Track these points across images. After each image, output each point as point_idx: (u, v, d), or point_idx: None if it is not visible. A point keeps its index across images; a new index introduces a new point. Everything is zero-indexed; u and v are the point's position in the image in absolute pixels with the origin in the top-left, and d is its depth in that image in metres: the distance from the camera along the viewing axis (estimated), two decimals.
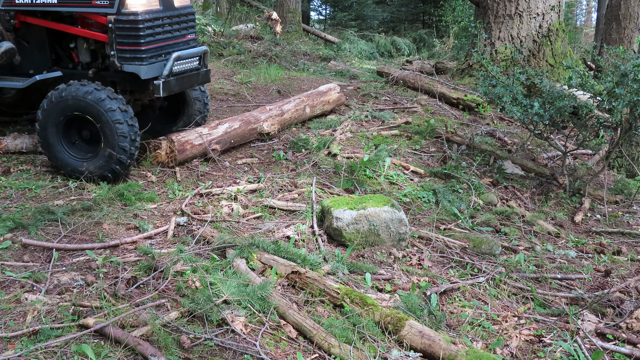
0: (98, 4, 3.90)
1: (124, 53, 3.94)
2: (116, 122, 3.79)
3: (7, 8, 4.16)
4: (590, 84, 4.65)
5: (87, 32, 4.09)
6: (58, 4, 4.02)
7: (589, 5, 25.05)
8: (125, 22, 3.89)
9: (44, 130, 3.94)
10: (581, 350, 2.67)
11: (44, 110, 3.92)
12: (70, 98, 3.83)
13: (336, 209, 3.48)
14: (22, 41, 4.29)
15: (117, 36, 3.91)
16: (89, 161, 3.97)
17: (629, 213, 4.59)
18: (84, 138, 4.04)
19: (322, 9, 16.30)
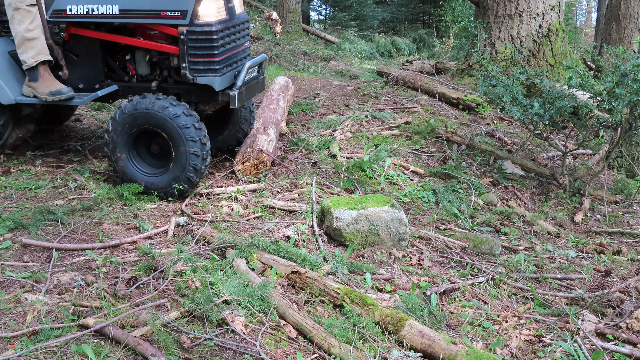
0: (168, 15, 3.76)
1: (196, 65, 3.80)
2: (189, 140, 3.67)
3: (58, 20, 3.97)
4: (590, 84, 4.65)
5: (152, 44, 3.94)
6: (121, 16, 3.84)
7: (589, 5, 25.05)
8: (199, 33, 3.75)
9: (113, 142, 3.81)
10: (581, 350, 2.67)
11: (114, 121, 3.78)
12: (144, 111, 3.69)
13: (336, 209, 3.48)
14: (71, 54, 4.12)
15: (190, 48, 3.77)
16: (157, 177, 3.84)
17: (629, 213, 4.59)
18: (152, 153, 3.91)
19: (322, 9, 16.30)
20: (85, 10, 3.85)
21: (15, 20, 3.86)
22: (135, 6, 3.79)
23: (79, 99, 3.99)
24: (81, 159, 4.50)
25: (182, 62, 3.82)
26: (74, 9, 3.87)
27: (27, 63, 3.92)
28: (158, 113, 3.65)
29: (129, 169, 3.84)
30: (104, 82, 4.13)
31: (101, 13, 3.84)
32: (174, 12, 3.73)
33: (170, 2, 3.73)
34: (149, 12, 3.79)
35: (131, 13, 3.82)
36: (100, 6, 3.81)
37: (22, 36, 3.87)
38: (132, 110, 3.72)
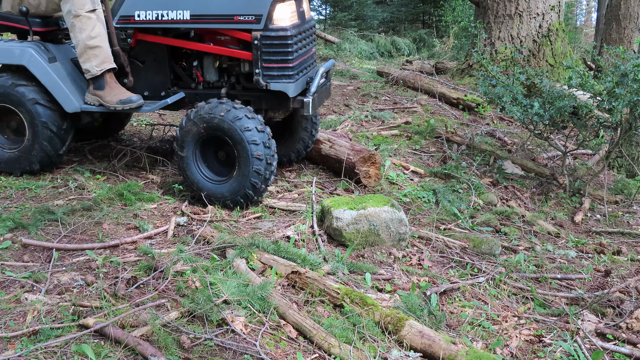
0: (242, 19, 3.64)
1: (270, 71, 3.70)
2: (252, 143, 3.55)
3: (125, 26, 3.87)
4: (590, 84, 4.65)
5: (223, 50, 3.83)
6: (192, 21, 3.73)
7: (589, 5, 25.05)
8: (274, 37, 3.64)
9: (182, 147, 3.72)
10: (581, 350, 2.67)
11: (181, 129, 3.70)
12: (208, 116, 3.61)
13: (336, 209, 3.48)
14: (136, 61, 4.04)
15: (264, 53, 3.66)
16: (222, 184, 3.74)
17: (629, 213, 4.59)
18: (220, 160, 3.82)
19: (322, 9, 16.30)
20: (155, 16, 3.76)
21: (76, 28, 3.74)
22: (207, 11, 3.69)
23: (148, 107, 3.88)
24: (81, 159, 4.51)
25: (254, 68, 3.71)
26: (143, 14, 3.77)
27: (92, 72, 3.80)
28: (221, 117, 3.56)
29: (193, 173, 3.75)
30: (170, 90, 4.04)
31: (171, 19, 3.74)
32: (247, 16, 3.63)
33: (244, 7, 3.63)
34: (221, 17, 3.68)
35: (203, 18, 3.71)
36: (171, 11, 3.72)
37: (84, 44, 3.75)
38: (197, 117, 3.63)
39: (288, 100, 3.81)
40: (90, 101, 3.91)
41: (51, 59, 3.89)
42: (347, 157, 4.31)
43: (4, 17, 4.01)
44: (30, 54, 3.84)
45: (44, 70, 3.85)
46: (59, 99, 3.88)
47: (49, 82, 3.86)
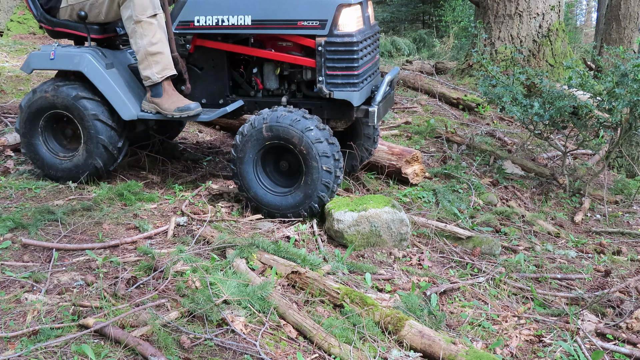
0: (305, 25, 3.53)
1: (334, 78, 3.56)
2: (322, 156, 3.43)
3: (184, 31, 3.78)
4: (590, 84, 4.65)
5: (285, 57, 3.71)
6: (254, 27, 3.61)
7: (589, 5, 25.05)
8: (339, 44, 3.51)
9: (241, 156, 3.58)
10: (581, 350, 2.67)
11: (242, 136, 3.57)
12: (275, 125, 3.47)
13: (337, 211, 3.48)
14: (194, 67, 3.93)
15: (328, 60, 3.54)
16: (285, 196, 3.60)
17: (629, 213, 4.59)
18: (281, 170, 3.69)
19: None
20: (215, 22, 3.66)
21: (137, 34, 3.66)
22: (269, 16, 3.58)
23: (205, 115, 3.78)
24: None
25: (318, 76, 3.59)
26: (203, 20, 3.69)
27: (152, 79, 3.72)
28: (289, 127, 3.44)
29: (251, 183, 3.61)
30: (228, 97, 3.93)
31: (232, 24, 3.64)
32: (312, 21, 3.51)
33: (308, 12, 3.52)
34: (284, 22, 3.57)
35: (265, 23, 3.60)
36: (231, 17, 3.62)
37: (146, 51, 3.67)
38: (261, 124, 3.50)
39: (352, 110, 3.69)
40: (148, 109, 3.83)
41: (108, 65, 3.82)
42: (390, 162, 4.37)
43: (62, 24, 3.94)
44: (88, 60, 3.76)
45: (101, 77, 3.77)
46: (115, 106, 3.80)
47: (106, 88, 3.78)
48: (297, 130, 3.43)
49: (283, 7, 3.56)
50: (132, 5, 3.63)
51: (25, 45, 7.25)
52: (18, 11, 7.69)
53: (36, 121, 3.95)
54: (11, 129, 4.78)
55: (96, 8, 3.82)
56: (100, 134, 3.83)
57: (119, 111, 3.82)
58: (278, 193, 3.63)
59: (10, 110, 5.22)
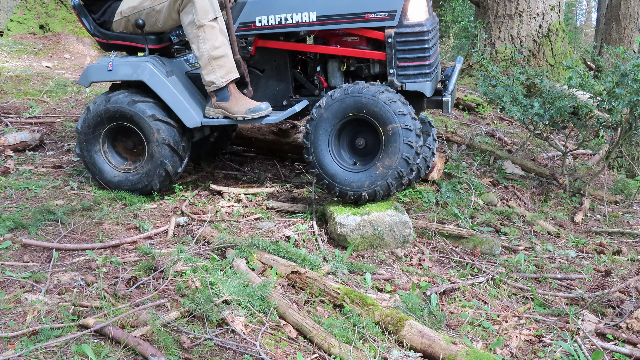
0: (374, 17, 3.44)
1: (406, 70, 3.48)
2: (405, 128, 3.29)
3: (245, 33, 3.67)
4: (590, 84, 4.65)
5: (353, 52, 3.60)
6: (319, 23, 3.51)
7: (589, 5, 25.05)
8: (410, 34, 3.42)
9: (317, 130, 3.45)
10: (581, 350, 2.67)
11: (320, 108, 3.44)
12: (356, 96, 3.35)
13: (339, 214, 3.47)
14: (255, 69, 3.83)
15: (399, 51, 3.45)
16: (361, 173, 3.44)
17: (629, 213, 4.59)
18: (357, 148, 3.54)
19: None
20: (278, 20, 3.57)
21: (200, 39, 3.57)
22: (336, 11, 3.48)
23: (273, 116, 3.66)
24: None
25: (389, 69, 3.49)
26: (265, 19, 3.60)
27: (216, 83, 3.62)
28: (371, 98, 3.31)
29: (325, 159, 3.46)
30: (292, 98, 3.84)
31: (296, 22, 3.54)
32: (380, 13, 3.42)
33: (376, 3, 3.43)
34: (352, 15, 3.47)
35: (331, 19, 3.49)
36: (295, 14, 3.54)
37: (209, 55, 3.57)
38: (343, 96, 3.38)
39: (423, 101, 3.61)
40: (213, 114, 3.73)
41: (169, 73, 3.74)
42: None
43: (118, 36, 3.87)
44: (150, 69, 3.68)
45: (164, 85, 3.69)
46: (179, 113, 3.71)
47: (168, 97, 3.70)
48: (379, 102, 3.30)
49: (350, 1, 3.47)
50: (194, 10, 3.54)
51: (25, 45, 7.25)
52: (18, 11, 7.69)
53: (94, 139, 3.84)
54: (11, 129, 4.78)
55: (153, 17, 3.72)
56: (162, 133, 3.71)
57: (182, 118, 3.72)
58: (353, 169, 3.48)
59: (10, 110, 5.22)
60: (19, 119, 5.07)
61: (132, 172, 3.86)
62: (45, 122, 5.13)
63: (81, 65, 7.11)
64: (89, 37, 7.65)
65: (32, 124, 5.04)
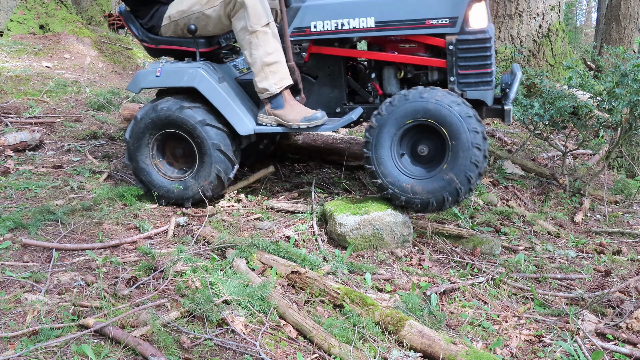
0: (434, 23, 3.34)
1: (467, 78, 3.39)
2: (472, 131, 3.20)
3: (300, 38, 3.58)
4: (590, 84, 4.65)
5: (412, 59, 3.51)
6: (377, 29, 3.41)
7: (589, 5, 25.06)
8: (472, 41, 3.33)
9: (378, 138, 3.36)
10: (581, 350, 2.67)
11: (381, 115, 3.35)
12: (417, 101, 3.26)
13: (339, 214, 3.47)
14: (308, 76, 3.74)
15: (460, 59, 3.36)
16: (427, 180, 3.34)
17: (629, 213, 4.59)
18: (420, 155, 3.43)
19: None
20: (334, 26, 3.48)
21: (253, 45, 3.47)
22: (395, 16, 3.39)
23: (329, 124, 3.55)
24: (81, 159, 4.51)
25: (449, 76, 3.41)
26: (320, 25, 3.51)
27: (270, 90, 3.52)
28: (433, 103, 3.23)
29: (388, 168, 3.38)
30: (345, 105, 3.75)
31: (353, 27, 3.45)
32: (441, 19, 3.33)
33: (437, 9, 3.34)
34: (411, 22, 3.37)
35: (390, 25, 3.39)
36: (352, 19, 3.44)
37: (262, 62, 3.48)
38: (403, 102, 3.29)
39: (482, 109, 3.52)
40: (266, 122, 3.63)
41: (220, 79, 3.65)
42: None
43: (167, 41, 3.79)
44: (201, 75, 3.58)
45: (215, 92, 3.59)
46: (231, 120, 3.60)
47: (220, 103, 3.59)
48: (443, 106, 3.22)
49: (410, 7, 3.38)
50: (246, 15, 3.44)
51: (25, 45, 7.25)
52: (18, 11, 7.69)
53: (144, 147, 3.75)
54: (11, 129, 4.78)
55: (202, 21, 3.62)
56: (213, 138, 3.61)
57: (235, 126, 3.61)
58: (418, 177, 3.38)
59: (10, 110, 5.22)
60: (19, 119, 5.07)
61: (183, 180, 3.77)
62: (45, 122, 5.13)
63: (81, 65, 7.11)
64: (89, 37, 7.65)
65: (32, 124, 5.04)
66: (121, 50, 7.86)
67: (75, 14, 8.25)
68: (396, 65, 3.66)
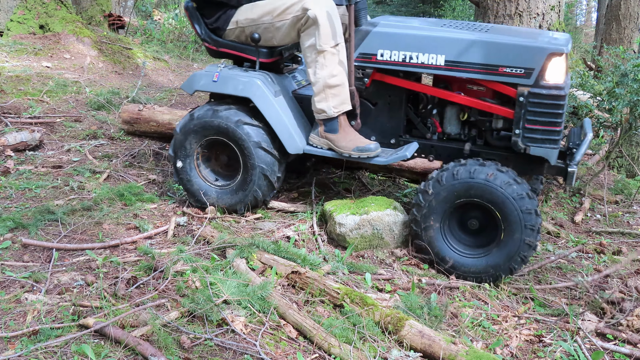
0: (508, 72, 3.18)
1: (533, 133, 3.20)
2: (525, 212, 3.08)
3: (364, 64, 3.44)
4: (590, 84, 4.65)
5: (477, 103, 3.37)
6: (446, 68, 3.28)
7: (589, 5, 25.07)
8: (546, 96, 3.14)
9: (426, 217, 3.27)
10: (581, 350, 2.67)
11: (428, 194, 3.24)
12: (468, 181, 3.14)
13: (338, 214, 3.46)
14: (367, 102, 3.59)
15: (529, 112, 3.18)
16: (480, 258, 3.25)
17: (629, 213, 4.59)
18: (469, 229, 3.33)
19: None
20: (402, 58, 3.34)
21: (318, 64, 3.37)
22: (467, 58, 3.24)
23: (382, 157, 3.42)
24: (81, 159, 4.51)
25: (515, 128, 3.23)
26: (387, 54, 3.36)
27: (327, 113, 3.41)
28: (483, 183, 3.12)
29: (438, 245, 3.29)
30: (401, 137, 3.59)
31: (421, 62, 3.31)
32: (516, 69, 3.17)
33: (513, 58, 3.17)
34: (483, 66, 3.22)
35: (461, 66, 3.26)
36: (422, 54, 3.30)
37: (325, 83, 3.37)
38: (451, 181, 3.18)
39: (543, 167, 3.38)
40: (317, 143, 3.53)
41: (277, 93, 3.55)
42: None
43: (228, 45, 3.70)
44: (257, 86, 3.49)
45: (270, 105, 3.50)
46: (282, 137, 3.52)
47: (273, 118, 3.50)
48: (495, 186, 3.11)
49: (484, 51, 3.23)
50: (317, 34, 3.34)
51: (25, 45, 7.25)
52: (18, 11, 7.69)
53: (191, 148, 3.70)
54: (11, 129, 4.78)
55: (270, 32, 3.54)
56: (261, 162, 3.54)
57: (285, 143, 3.53)
58: (470, 254, 3.28)
59: (10, 110, 5.22)
60: (19, 119, 5.07)
61: (226, 188, 3.71)
62: (45, 122, 5.13)
63: (81, 65, 7.11)
64: (89, 37, 7.65)
65: (32, 124, 5.04)
66: (121, 50, 7.86)
67: (75, 14, 8.25)
68: (460, 107, 3.52)
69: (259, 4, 3.58)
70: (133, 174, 4.30)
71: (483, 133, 3.54)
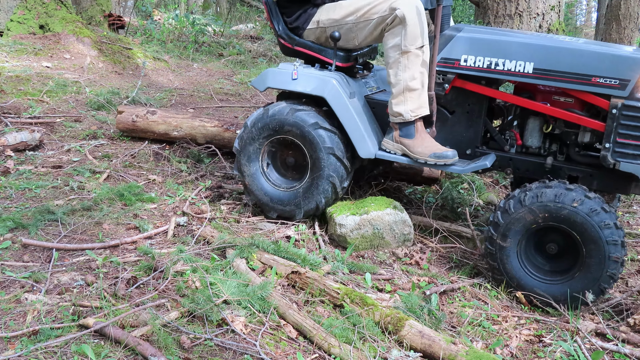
0: (601, 82, 3.04)
1: (625, 148, 3.04)
2: (611, 244, 2.92)
3: (446, 70, 3.33)
4: None
5: (564, 114, 3.21)
6: (534, 76, 3.14)
7: (589, 5, 25.07)
8: None
9: (504, 239, 3.10)
10: (581, 350, 2.67)
11: (507, 214, 3.08)
12: (553, 205, 2.97)
13: (338, 215, 3.47)
14: (444, 110, 3.47)
15: (622, 126, 3.02)
16: (557, 284, 3.09)
17: (629, 213, 4.59)
18: (547, 253, 3.15)
19: None
20: (487, 64, 3.23)
21: (401, 65, 3.27)
22: (557, 67, 3.10)
23: (458, 166, 3.30)
24: (81, 159, 4.51)
25: (605, 142, 3.07)
26: (471, 60, 3.26)
27: (404, 116, 3.30)
28: (569, 207, 2.95)
29: (513, 267, 3.13)
30: (477, 148, 3.46)
31: (507, 69, 3.18)
32: (610, 79, 3.02)
33: (608, 68, 3.03)
34: (575, 75, 3.08)
35: (550, 74, 3.11)
36: (509, 61, 3.18)
37: (405, 85, 3.26)
38: (530, 204, 3.02)
39: (631, 184, 3.21)
40: (390, 148, 3.42)
41: (351, 95, 3.46)
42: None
43: (305, 44, 3.61)
44: (332, 86, 3.40)
45: (344, 107, 3.40)
46: (354, 140, 3.42)
47: (347, 119, 3.41)
48: (582, 214, 2.93)
49: (576, 60, 3.09)
50: (403, 33, 3.24)
51: (25, 45, 7.25)
52: (18, 11, 7.69)
53: (259, 145, 3.60)
54: (11, 129, 4.78)
55: (352, 32, 3.45)
56: (327, 142, 3.43)
57: (357, 147, 3.43)
58: (549, 281, 3.13)
59: (10, 110, 5.22)
60: (19, 119, 5.07)
61: (291, 191, 3.61)
62: (45, 122, 5.13)
63: (81, 65, 7.12)
64: (89, 37, 7.65)
65: (32, 124, 5.04)
66: (121, 50, 7.86)
67: (75, 14, 8.25)
68: (544, 118, 3.37)
69: (342, 3, 3.48)
70: (133, 174, 4.30)
71: (565, 147, 3.40)
